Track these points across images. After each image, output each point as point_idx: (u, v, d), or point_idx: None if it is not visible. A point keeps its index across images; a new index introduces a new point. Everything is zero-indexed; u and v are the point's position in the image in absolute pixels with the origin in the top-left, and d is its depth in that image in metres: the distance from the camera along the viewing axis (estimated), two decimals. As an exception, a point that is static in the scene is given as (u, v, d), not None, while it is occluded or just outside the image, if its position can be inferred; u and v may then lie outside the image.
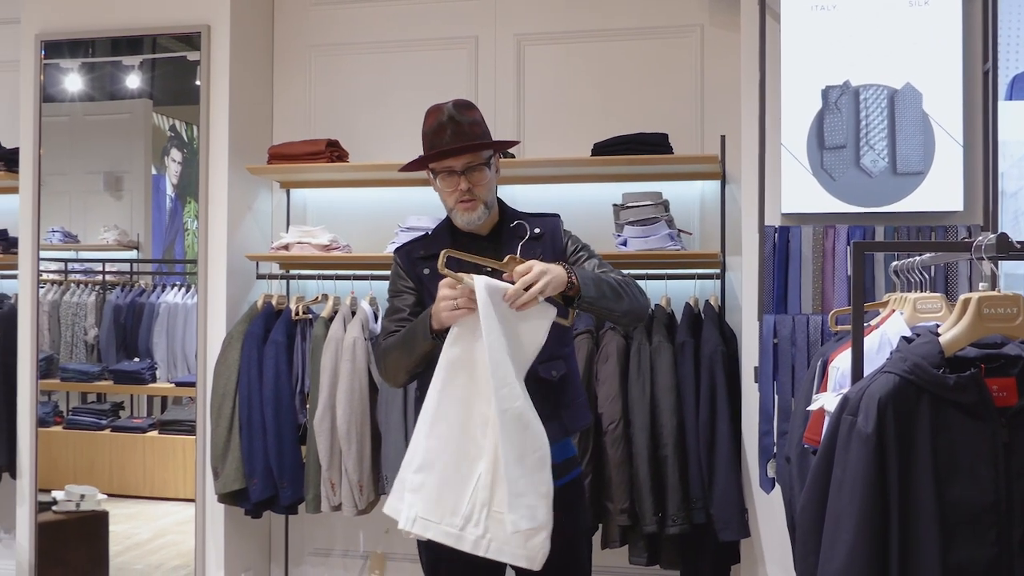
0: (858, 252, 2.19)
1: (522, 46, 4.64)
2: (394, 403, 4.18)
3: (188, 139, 7.07)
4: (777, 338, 3.77)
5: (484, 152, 2.78)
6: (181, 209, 7.15)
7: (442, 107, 2.77)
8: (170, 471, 7.06)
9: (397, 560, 4.77)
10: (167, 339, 7.04)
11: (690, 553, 3.99)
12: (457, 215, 2.80)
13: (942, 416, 1.91)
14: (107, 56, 5.58)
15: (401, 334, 2.73)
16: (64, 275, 6.56)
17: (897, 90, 3.84)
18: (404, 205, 4.62)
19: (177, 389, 6.88)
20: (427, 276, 2.79)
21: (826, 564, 1.91)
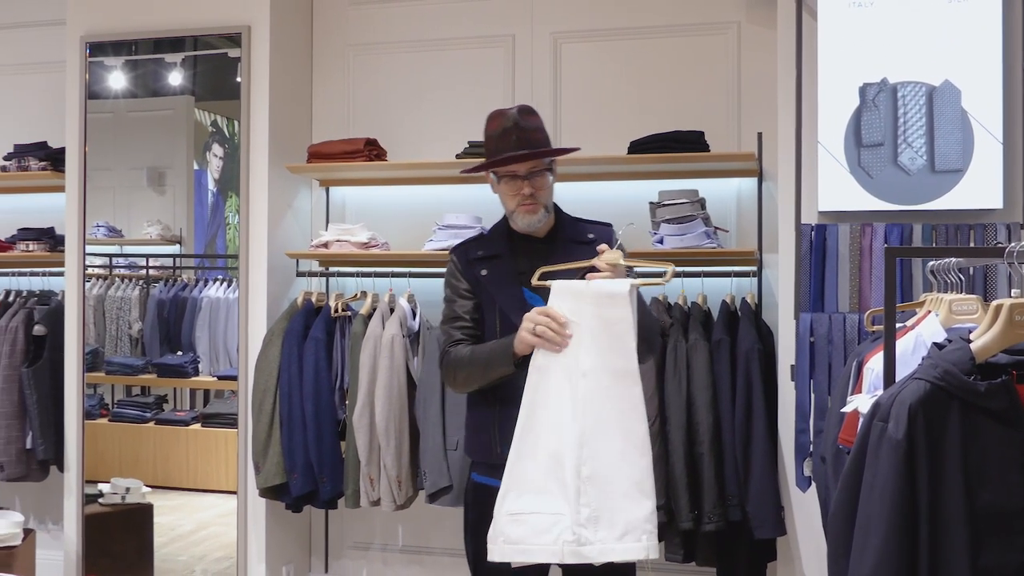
0: (889, 258, 2.19)
1: (559, 44, 4.65)
2: (432, 399, 4.22)
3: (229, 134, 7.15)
4: (814, 336, 3.77)
5: (546, 158, 2.87)
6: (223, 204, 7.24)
7: (507, 112, 2.84)
8: (212, 464, 7.16)
9: (436, 555, 4.82)
10: (209, 333, 7.14)
11: (726, 550, 4.00)
12: (518, 217, 2.87)
13: (972, 422, 1.91)
14: (150, 54, 5.66)
15: (478, 353, 2.80)
16: (109, 270, 6.66)
17: (935, 87, 3.82)
18: (442, 203, 4.66)
19: (219, 383, 6.97)
20: (484, 277, 2.87)
21: (856, 568, 1.93)
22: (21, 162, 5.16)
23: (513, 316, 2.76)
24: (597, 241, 2.82)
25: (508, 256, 2.89)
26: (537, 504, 2.58)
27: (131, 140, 6.26)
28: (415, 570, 4.83)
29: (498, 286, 2.85)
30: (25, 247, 5.23)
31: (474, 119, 4.66)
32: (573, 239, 2.90)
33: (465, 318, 2.89)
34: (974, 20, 3.80)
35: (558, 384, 2.60)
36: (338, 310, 4.50)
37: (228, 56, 5.86)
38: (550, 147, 2.88)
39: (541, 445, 2.60)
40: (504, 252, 2.91)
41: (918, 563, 1.89)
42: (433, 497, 4.20)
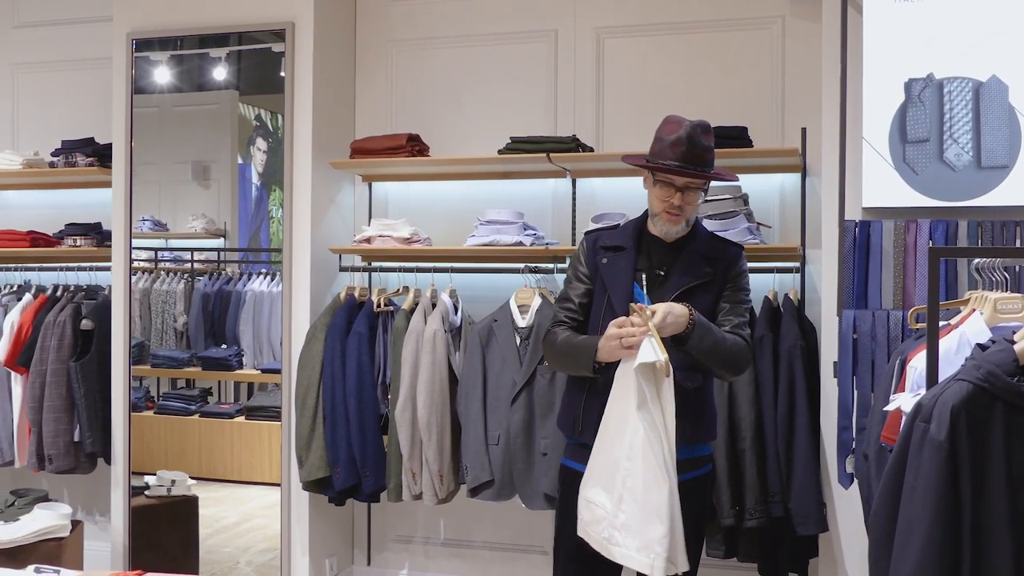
0: (934, 257, 2.18)
1: (601, 39, 4.65)
2: (474, 395, 4.25)
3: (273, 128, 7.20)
4: (857, 333, 3.75)
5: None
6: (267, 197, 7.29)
7: (684, 122, 2.98)
8: (256, 456, 7.23)
9: (476, 548, 4.85)
10: (253, 326, 7.20)
11: (768, 546, 3.99)
12: (659, 223, 3.02)
13: (1015, 423, 1.90)
14: (195, 49, 5.72)
15: (566, 344, 3.01)
16: (154, 263, 6.73)
17: (982, 82, 3.78)
18: (483, 198, 4.69)
19: (263, 376, 7.04)
20: (604, 265, 3.05)
21: (899, 566, 1.93)
22: (68, 158, 5.24)
23: (619, 307, 2.95)
24: (720, 261, 3.02)
25: (631, 251, 3.04)
26: (599, 497, 2.82)
27: (176, 135, 6.31)
28: (456, 563, 4.86)
29: (613, 277, 3.01)
30: (72, 242, 5.31)
31: (516, 114, 4.70)
32: (699, 251, 3.05)
33: (573, 301, 3.10)
34: (1020, 15, 3.75)
35: (628, 395, 2.77)
36: (380, 305, 4.53)
37: (272, 51, 5.90)
38: (712, 168, 2.99)
39: (610, 447, 2.81)
40: (629, 246, 3.05)
41: (960, 564, 1.88)
42: (475, 491, 4.22)
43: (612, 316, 2.92)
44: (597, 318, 3.03)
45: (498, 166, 4.56)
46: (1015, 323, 2.78)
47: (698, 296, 2.99)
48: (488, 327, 4.31)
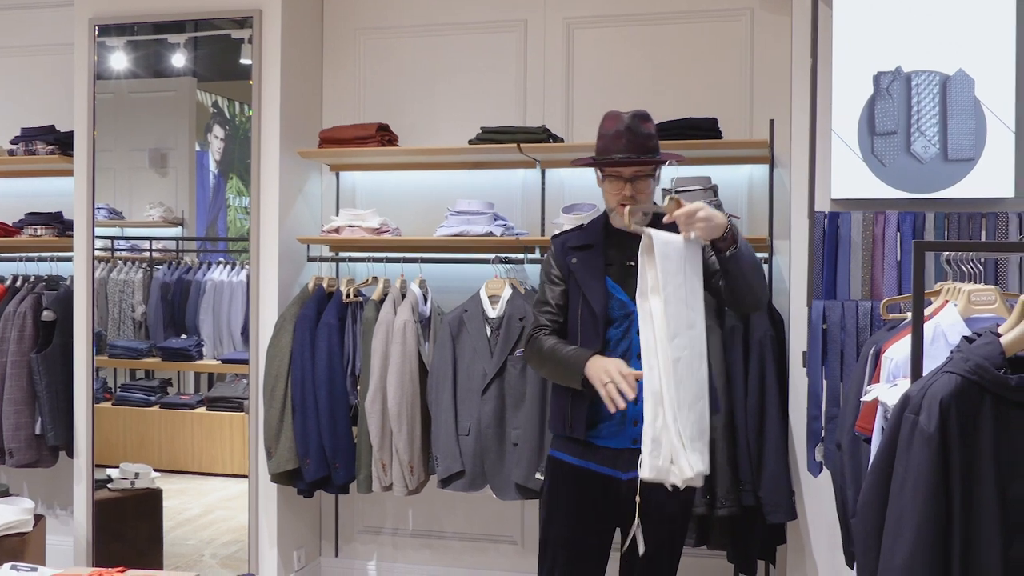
0: (918, 252, 2.21)
1: (571, 29, 4.65)
2: (444, 385, 4.24)
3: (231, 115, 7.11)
4: (826, 323, 3.79)
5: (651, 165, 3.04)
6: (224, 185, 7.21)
7: (621, 115, 3.02)
8: (218, 447, 7.16)
9: (447, 539, 4.85)
10: (213, 316, 7.13)
11: (738, 534, 4.03)
12: (617, 216, 3.04)
13: (1004, 416, 1.94)
14: (153, 35, 5.63)
15: (552, 353, 3.02)
16: (111, 252, 6.64)
17: (949, 76, 3.83)
18: (453, 188, 4.68)
19: (224, 366, 6.98)
20: (575, 265, 3.08)
21: (889, 559, 1.95)
22: (28, 146, 5.14)
23: (594, 303, 2.99)
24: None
25: (599, 247, 3.07)
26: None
27: (132, 121, 6.22)
28: (426, 554, 4.86)
29: (585, 274, 3.04)
30: (33, 232, 5.22)
31: (486, 104, 4.69)
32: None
33: (551, 303, 3.12)
34: (988, 9, 3.80)
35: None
36: (350, 296, 4.51)
37: (232, 37, 5.82)
38: (657, 155, 3.03)
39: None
40: (597, 243, 3.09)
41: (951, 554, 1.91)
42: (446, 482, 4.22)
43: (589, 314, 3.00)
44: (575, 318, 3.06)
45: (468, 156, 4.55)
46: (989, 315, 2.82)
47: None
48: (458, 318, 4.30)
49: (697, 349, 2.82)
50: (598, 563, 3.09)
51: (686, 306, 2.80)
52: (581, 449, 3.01)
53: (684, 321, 2.79)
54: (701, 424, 2.80)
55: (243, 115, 7.30)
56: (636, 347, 2.92)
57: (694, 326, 2.82)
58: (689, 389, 2.77)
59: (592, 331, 2.99)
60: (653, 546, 3.03)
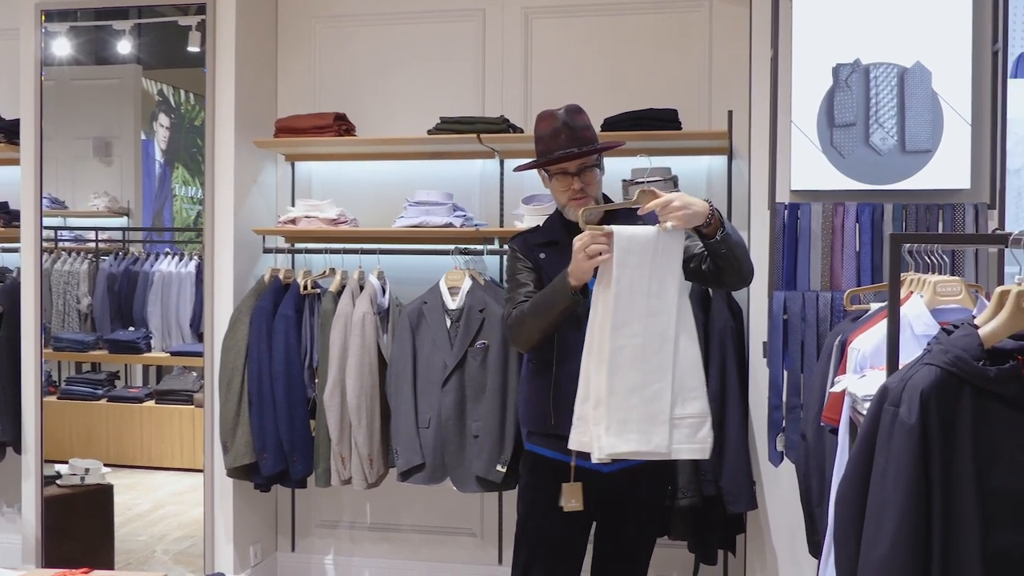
0: (895, 245, 2.22)
1: (530, 19, 4.62)
2: (404, 377, 4.20)
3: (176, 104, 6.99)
4: (787, 314, 3.82)
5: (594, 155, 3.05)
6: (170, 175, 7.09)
7: (555, 113, 3.02)
8: (167, 441, 7.05)
9: (404, 532, 4.82)
10: (162, 308, 7.01)
11: (699, 525, 4.05)
12: (569, 211, 3.05)
13: (983, 407, 1.95)
14: (97, 20, 5.51)
15: (535, 300, 2.97)
16: (54, 243, 6.50)
17: (907, 68, 3.87)
18: (411, 179, 4.63)
19: (173, 359, 6.86)
20: (543, 260, 3.08)
21: (870, 551, 1.96)
22: (-31, 134, 5.02)
23: None
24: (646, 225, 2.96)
25: (565, 242, 3.01)
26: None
27: (76, 109, 6.09)
28: (384, 547, 4.82)
29: (555, 267, 2.99)
30: (-25, 222, 5.09)
31: (444, 94, 4.65)
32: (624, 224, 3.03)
33: (528, 285, 3.08)
34: (945, 3, 3.84)
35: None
36: (307, 287, 4.45)
37: (179, 24, 5.71)
38: (597, 144, 3.05)
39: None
40: (562, 240, 3.05)
41: (931, 545, 1.92)
42: (406, 475, 4.18)
43: None
44: None
45: (426, 146, 4.51)
46: (954, 305, 2.85)
47: None
48: (418, 309, 4.27)
49: (657, 334, 2.79)
50: (575, 557, 3.10)
51: (646, 295, 2.77)
52: (560, 443, 2.98)
53: (640, 311, 2.77)
54: (651, 407, 2.77)
55: (189, 103, 7.18)
56: None
57: (657, 314, 2.79)
58: (630, 376, 2.76)
59: (569, 327, 2.96)
60: (628, 541, 3.07)
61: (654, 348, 2.80)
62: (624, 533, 3.14)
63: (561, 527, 3.08)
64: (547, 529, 3.09)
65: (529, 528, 3.14)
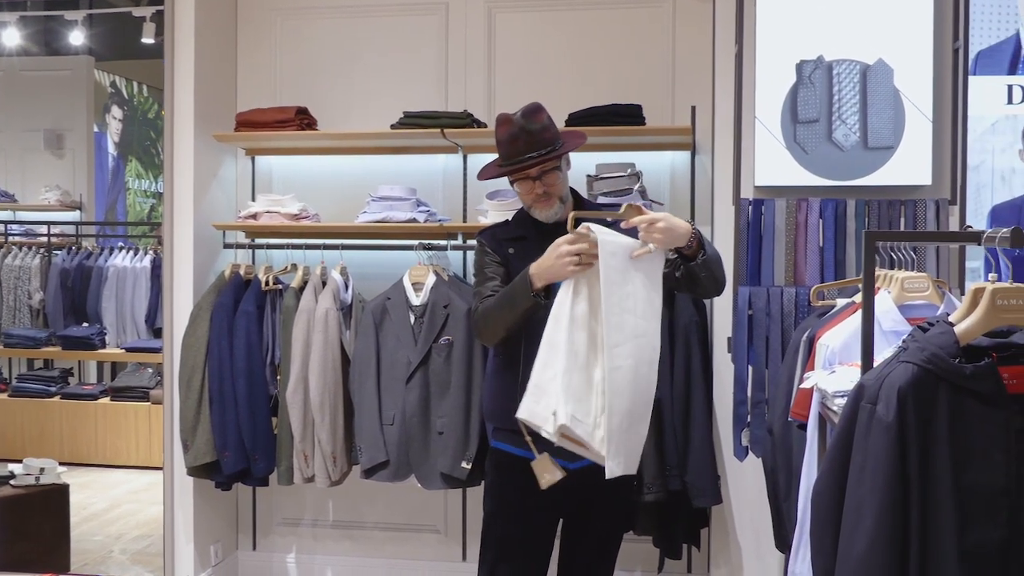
0: (869, 243, 2.23)
1: (493, 13, 4.60)
2: (367, 374, 4.17)
3: (129, 96, 6.89)
4: (752, 309, 3.84)
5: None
6: (123, 168, 6.98)
7: (512, 118, 2.97)
8: (123, 438, 6.96)
9: (367, 529, 4.78)
10: (116, 303, 6.91)
11: (664, 519, 4.05)
12: (535, 212, 3.04)
13: (958, 404, 1.96)
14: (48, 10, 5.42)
15: (499, 296, 2.94)
16: (4, 237, 6.39)
17: (869, 65, 3.90)
18: (373, 174, 4.60)
19: (128, 355, 6.77)
20: (512, 255, 3.04)
21: (848, 548, 1.97)
22: (-82, 126, 4.90)
23: None
24: (618, 224, 2.91)
25: (535, 238, 3.02)
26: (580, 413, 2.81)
27: (26, 101, 5.99)
28: (346, 545, 4.78)
29: (524, 263, 2.95)
30: (-75, 216, 4.98)
31: (407, 88, 4.62)
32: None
33: (496, 279, 3.05)
34: (907, 1, 3.87)
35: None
36: (268, 283, 4.39)
37: (132, 15, 5.61)
38: (558, 142, 3.00)
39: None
40: (530, 234, 3.05)
41: (909, 542, 1.93)
42: (369, 472, 4.15)
43: None
44: None
45: (389, 141, 4.48)
46: (921, 301, 2.88)
47: None
48: (381, 305, 4.23)
49: (646, 359, 2.77)
50: (542, 555, 3.09)
51: (633, 315, 2.71)
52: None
53: (630, 331, 2.71)
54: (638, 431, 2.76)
55: (142, 95, 7.08)
56: None
57: (643, 335, 2.74)
58: (623, 400, 2.72)
59: (537, 323, 2.92)
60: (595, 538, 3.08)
61: (644, 372, 2.76)
62: (591, 530, 3.14)
63: (528, 525, 3.07)
64: (514, 527, 3.08)
65: (496, 526, 3.12)
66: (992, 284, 2.03)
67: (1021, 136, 4.07)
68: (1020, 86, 4.08)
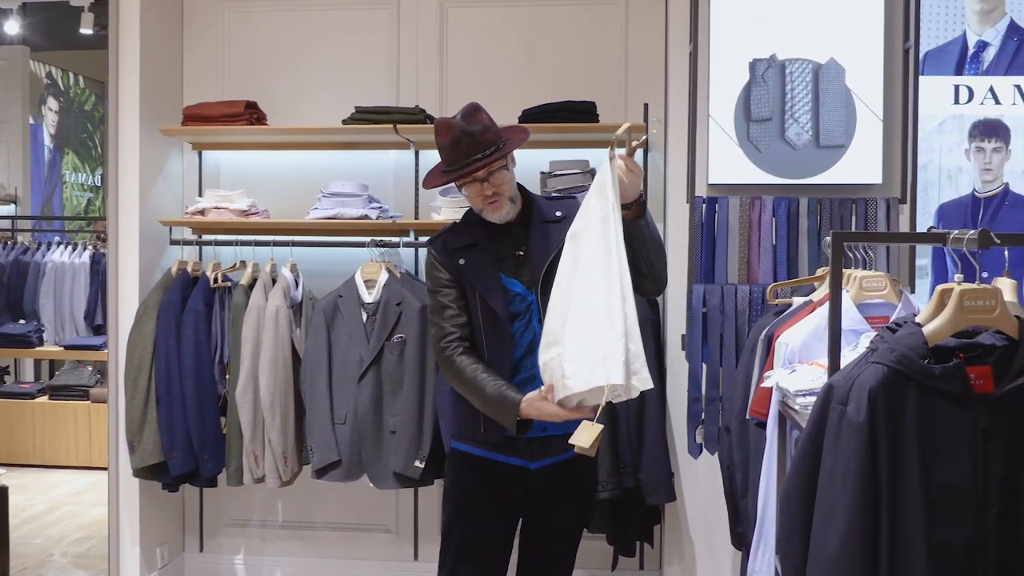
0: (836, 243, 2.24)
1: (445, 8, 4.56)
2: (319, 372, 4.11)
3: (66, 87, 6.74)
4: (706, 307, 3.85)
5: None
6: (60, 161, 6.84)
7: (451, 122, 2.91)
8: (62, 438, 6.84)
9: (318, 529, 4.73)
10: (55, 300, 6.78)
11: (618, 517, 4.06)
12: (487, 214, 2.97)
13: (927, 404, 1.98)
14: (-23, 0, 5.27)
15: (480, 390, 2.85)
16: (-67, 231, 6.22)
17: (821, 65, 3.93)
18: (323, 169, 4.54)
19: (67, 352, 6.64)
20: (464, 266, 2.96)
21: (821, 548, 1.97)
22: None
23: (492, 302, 2.90)
24: (565, 218, 2.93)
25: (485, 244, 2.98)
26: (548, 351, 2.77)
27: (-43, 92, 5.84)
28: (296, 546, 4.72)
29: (477, 273, 2.94)
30: None
31: (358, 82, 4.57)
32: (545, 220, 3.01)
33: (453, 307, 2.97)
34: (858, 1, 3.91)
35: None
36: (217, 280, 4.31)
37: (70, 5, 5.48)
38: (501, 141, 2.94)
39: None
40: (481, 241, 2.99)
41: (879, 540, 1.95)
42: (321, 472, 4.09)
43: (491, 315, 2.90)
44: (477, 320, 2.95)
45: (340, 136, 4.42)
46: (879, 300, 2.91)
47: None
48: (333, 303, 4.18)
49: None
50: (503, 554, 3.07)
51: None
52: (488, 442, 2.95)
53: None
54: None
55: (78, 87, 6.94)
56: (540, 337, 2.87)
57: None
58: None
59: (497, 332, 2.91)
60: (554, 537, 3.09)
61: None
62: (550, 528, 3.11)
63: (489, 525, 3.04)
64: (474, 528, 3.04)
65: (455, 528, 3.07)
66: (960, 285, 2.05)
67: (967, 135, 4.13)
68: (967, 86, 4.13)
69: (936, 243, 2.27)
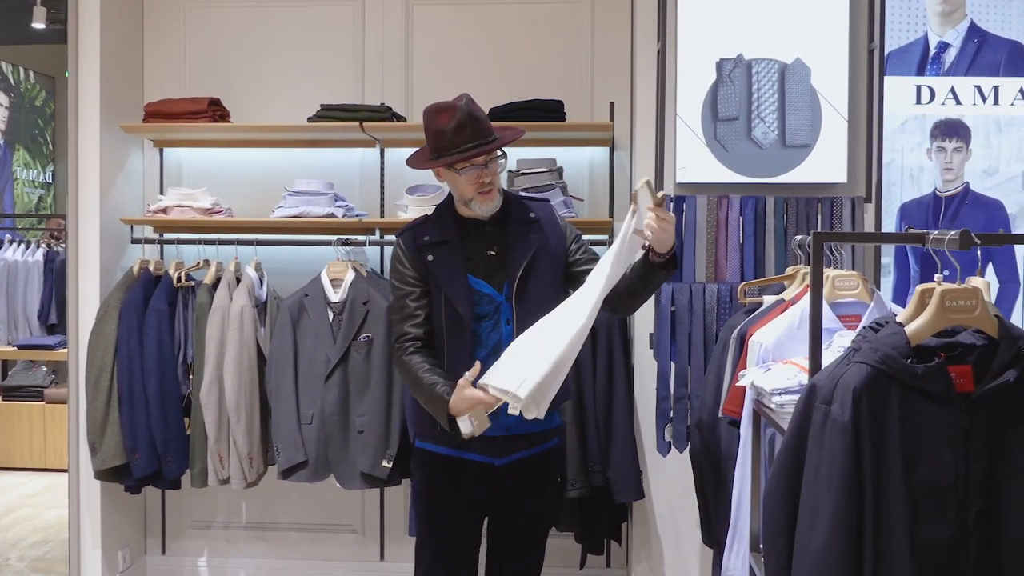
0: (817, 243, 2.25)
1: (411, 6, 4.53)
2: (285, 372, 4.08)
3: (16, 82, 6.63)
4: (675, 306, 3.86)
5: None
6: (10, 157, 6.74)
7: (456, 105, 2.87)
8: (16, 440, 6.72)
9: (282, 530, 4.68)
10: (7, 299, 6.65)
11: (586, 515, 4.07)
12: (476, 204, 2.91)
13: (909, 403, 1.99)
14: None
15: (422, 386, 2.84)
16: None
17: (787, 65, 3.95)
18: (288, 167, 4.50)
19: (20, 352, 6.52)
20: (432, 263, 2.91)
21: (805, 546, 1.98)
22: None
23: (459, 304, 2.86)
24: (541, 220, 2.96)
25: (456, 242, 2.93)
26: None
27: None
28: (260, 547, 4.67)
29: (445, 273, 2.89)
30: None
31: (323, 80, 4.53)
32: (520, 219, 2.98)
33: (411, 306, 2.94)
34: (824, 2, 3.94)
35: None
36: (180, 280, 4.25)
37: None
38: (493, 131, 2.92)
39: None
40: (452, 238, 2.94)
41: (863, 539, 1.96)
42: (287, 473, 4.06)
43: (454, 316, 2.87)
44: (439, 319, 2.91)
45: (305, 134, 4.38)
46: (851, 299, 2.93)
47: (540, 260, 2.95)
48: (299, 302, 4.14)
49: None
50: (472, 551, 3.05)
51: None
52: (453, 440, 2.89)
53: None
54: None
55: (29, 82, 6.81)
56: (507, 339, 2.86)
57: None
58: None
59: (460, 332, 2.88)
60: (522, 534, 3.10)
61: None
62: (518, 525, 3.10)
63: (460, 523, 3.02)
64: (446, 527, 3.03)
65: (428, 528, 3.06)
66: (941, 285, 2.07)
67: (929, 135, 4.18)
68: (928, 86, 4.18)
69: (915, 243, 2.29)
